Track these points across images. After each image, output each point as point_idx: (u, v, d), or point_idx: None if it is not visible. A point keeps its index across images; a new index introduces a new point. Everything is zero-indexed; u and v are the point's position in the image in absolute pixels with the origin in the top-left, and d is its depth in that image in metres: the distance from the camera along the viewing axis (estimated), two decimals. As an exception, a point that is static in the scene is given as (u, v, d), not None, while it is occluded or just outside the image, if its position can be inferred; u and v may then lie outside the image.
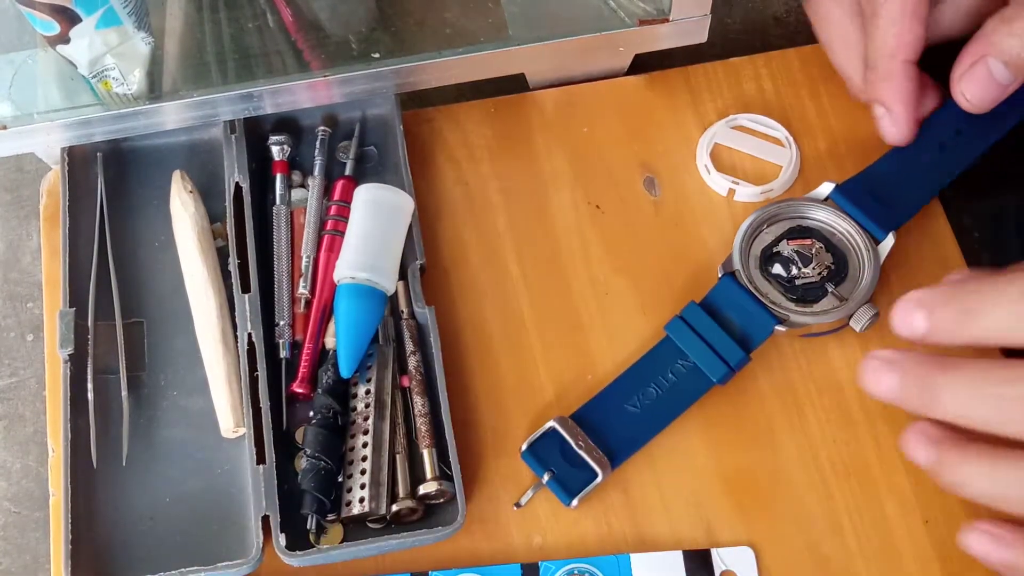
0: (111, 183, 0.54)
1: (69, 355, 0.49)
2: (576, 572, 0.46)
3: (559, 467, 0.47)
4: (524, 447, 0.47)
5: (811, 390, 0.49)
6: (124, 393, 0.49)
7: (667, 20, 0.52)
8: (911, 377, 0.39)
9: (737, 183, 0.53)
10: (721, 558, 0.46)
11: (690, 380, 0.48)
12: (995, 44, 0.45)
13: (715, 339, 0.48)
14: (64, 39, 0.49)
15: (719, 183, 0.53)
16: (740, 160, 0.54)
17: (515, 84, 0.56)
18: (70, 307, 0.50)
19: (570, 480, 0.46)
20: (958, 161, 0.51)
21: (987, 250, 0.55)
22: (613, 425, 0.47)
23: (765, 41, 0.61)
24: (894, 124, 0.47)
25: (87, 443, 0.48)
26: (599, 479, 0.46)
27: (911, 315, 0.40)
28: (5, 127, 0.51)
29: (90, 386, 0.49)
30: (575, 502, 0.46)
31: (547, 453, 0.47)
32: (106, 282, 0.51)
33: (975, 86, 0.46)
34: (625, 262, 0.52)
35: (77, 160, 0.53)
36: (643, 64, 0.56)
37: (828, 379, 0.49)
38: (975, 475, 0.38)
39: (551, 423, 0.47)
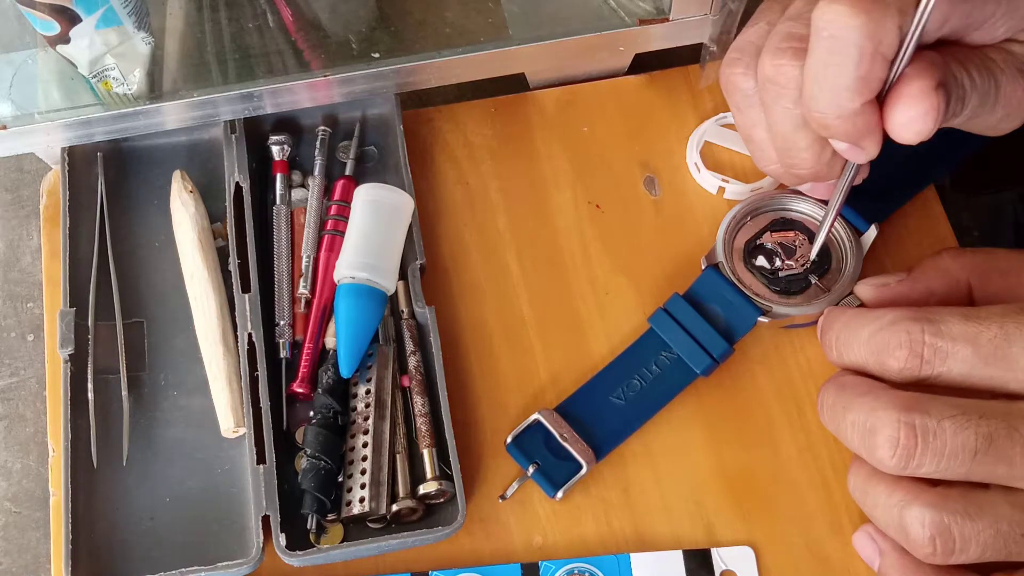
0: (111, 183, 0.54)
1: (69, 355, 0.49)
2: (576, 572, 0.46)
3: (544, 459, 0.47)
4: (509, 440, 0.47)
5: (811, 389, 0.49)
6: (124, 393, 0.49)
7: (667, 19, 0.52)
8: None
9: (727, 181, 0.53)
10: (721, 558, 0.46)
11: (674, 372, 0.48)
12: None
13: (698, 331, 0.48)
14: (64, 39, 0.49)
15: (709, 181, 0.53)
16: (739, 158, 0.54)
17: (515, 84, 0.56)
18: (70, 307, 0.50)
19: (555, 472, 0.47)
20: (940, 163, 0.52)
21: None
22: (598, 417, 0.48)
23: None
24: (863, 151, 0.40)
25: (87, 443, 0.48)
26: (584, 471, 0.46)
27: (818, 330, 0.45)
28: (5, 127, 0.51)
29: (90, 386, 0.49)
30: (560, 494, 0.46)
31: (532, 446, 0.47)
32: (106, 282, 0.51)
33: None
34: (625, 262, 0.52)
35: (77, 160, 0.53)
36: (643, 63, 0.56)
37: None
38: None
39: (535, 415, 0.47)
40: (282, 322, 0.50)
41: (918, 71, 0.37)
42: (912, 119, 0.37)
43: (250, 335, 0.49)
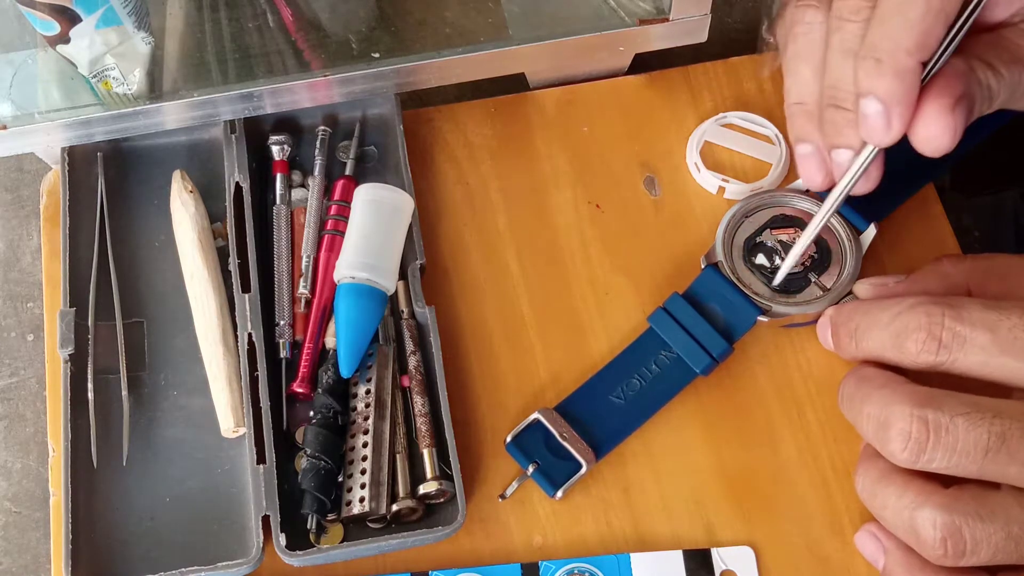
0: (111, 183, 0.54)
1: (69, 355, 0.49)
2: (576, 572, 0.46)
3: (544, 459, 0.47)
4: (508, 439, 0.47)
5: (811, 389, 0.49)
6: (124, 393, 0.49)
7: (667, 19, 0.52)
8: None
9: (727, 181, 0.53)
10: (721, 558, 0.46)
11: (674, 371, 0.48)
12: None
13: (698, 330, 0.48)
14: (64, 39, 0.49)
15: (709, 181, 0.53)
16: (739, 158, 0.54)
17: (515, 84, 0.56)
18: (70, 307, 0.50)
19: (555, 471, 0.47)
20: (940, 162, 0.52)
21: (987, 248, 0.55)
22: (598, 416, 0.48)
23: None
24: (889, 124, 0.40)
25: (87, 443, 0.48)
26: (583, 470, 0.46)
27: (824, 331, 0.46)
28: (5, 127, 0.51)
29: (90, 386, 0.49)
30: (560, 493, 0.46)
31: (532, 445, 0.47)
32: (106, 282, 0.51)
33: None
34: (625, 261, 0.52)
35: (77, 160, 0.53)
36: (643, 63, 0.56)
37: (828, 378, 0.49)
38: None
39: (535, 415, 0.47)
40: (282, 322, 0.50)
41: (939, 88, 0.39)
42: (931, 136, 0.39)
43: (250, 335, 0.49)
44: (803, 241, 0.46)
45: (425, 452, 0.47)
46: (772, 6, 0.54)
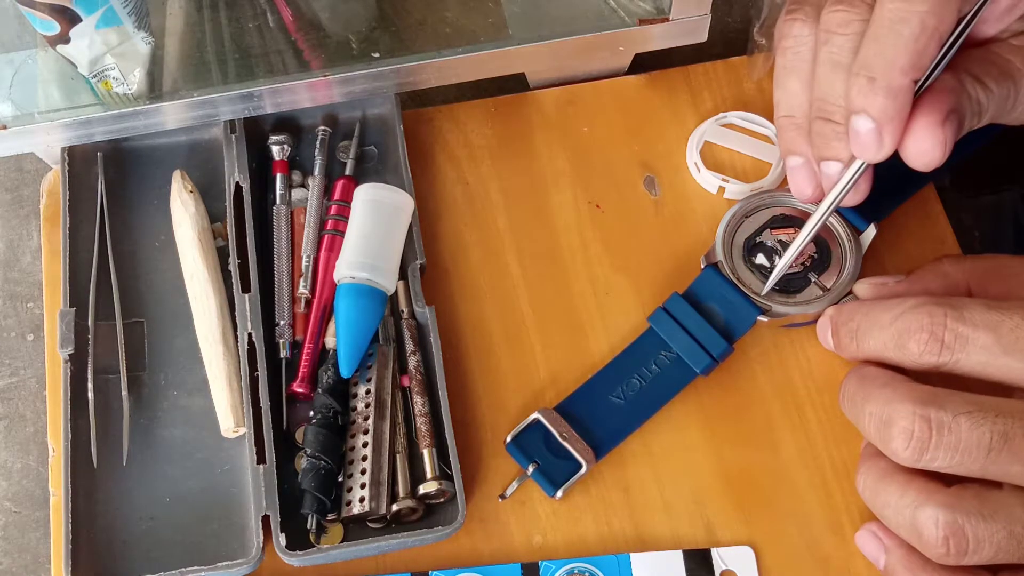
0: (111, 183, 0.54)
1: (69, 355, 0.49)
2: (576, 572, 0.46)
3: (543, 459, 0.47)
4: (508, 439, 0.47)
5: (811, 389, 0.49)
6: (124, 393, 0.49)
7: (667, 19, 0.52)
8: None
9: (727, 181, 0.53)
10: (721, 558, 0.46)
11: (674, 371, 0.48)
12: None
13: (698, 330, 0.48)
14: (64, 39, 0.49)
15: (709, 181, 0.53)
16: (739, 158, 0.54)
17: (515, 83, 0.56)
18: (70, 307, 0.50)
19: (554, 471, 0.47)
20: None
21: (987, 247, 0.55)
22: (597, 416, 0.48)
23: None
24: (880, 142, 0.40)
25: (87, 443, 0.48)
26: (583, 470, 0.46)
27: (824, 331, 0.46)
28: (5, 127, 0.51)
29: (90, 386, 0.49)
30: (560, 493, 0.46)
31: (531, 445, 0.47)
32: (106, 282, 0.51)
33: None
34: (625, 261, 0.52)
35: (77, 160, 0.53)
36: (644, 63, 0.56)
37: (828, 378, 0.49)
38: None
39: (535, 415, 0.47)
40: (282, 322, 0.50)
41: (929, 104, 0.39)
42: (921, 151, 0.39)
43: (250, 335, 0.49)
44: (791, 252, 0.46)
45: (425, 452, 0.47)
46: (762, 8, 0.54)
